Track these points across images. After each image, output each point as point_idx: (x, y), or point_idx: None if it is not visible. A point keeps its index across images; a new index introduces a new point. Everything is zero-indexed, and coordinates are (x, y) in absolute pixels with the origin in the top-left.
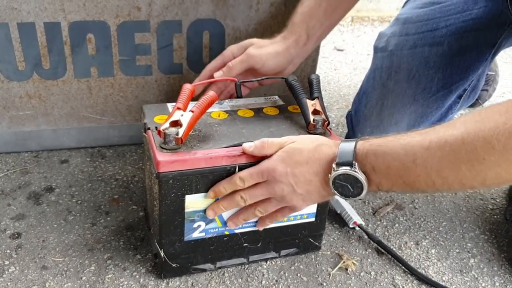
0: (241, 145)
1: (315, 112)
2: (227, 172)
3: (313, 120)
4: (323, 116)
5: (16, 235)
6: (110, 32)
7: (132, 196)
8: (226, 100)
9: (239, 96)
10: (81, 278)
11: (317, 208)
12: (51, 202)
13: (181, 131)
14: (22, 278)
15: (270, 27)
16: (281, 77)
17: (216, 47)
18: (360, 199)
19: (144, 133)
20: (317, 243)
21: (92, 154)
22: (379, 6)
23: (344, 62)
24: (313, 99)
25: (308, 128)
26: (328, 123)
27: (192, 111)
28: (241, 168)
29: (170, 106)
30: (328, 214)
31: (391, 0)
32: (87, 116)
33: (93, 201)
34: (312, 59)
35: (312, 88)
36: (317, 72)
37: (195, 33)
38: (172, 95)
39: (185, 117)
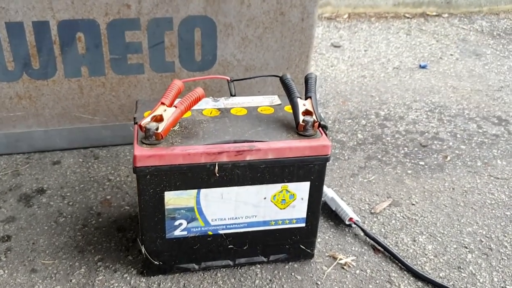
0: (224, 143)
1: (307, 112)
2: (207, 170)
3: (303, 120)
4: (314, 116)
5: (6, 238)
6: (100, 31)
7: (124, 196)
8: (223, 98)
9: (232, 94)
10: (71, 281)
11: (307, 213)
12: (42, 204)
13: (161, 126)
14: (10, 281)
15: (263, 23)
16: (276, 75)
17: (208, 44)
18: None
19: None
20: (309, 250)
21: (85, 154)
22: (376, 2)
23: (341, 59)
24: (306, 98)
25: (298, 129)
26: (319, 125)
27: (176, 107)
28: (221, 166)
29: None
30: (324, 212)
31: None
32: (79, 116)
33: (85, 203)
34: (305, 55)
35: (306, 87)
36: (313, 69)
37: (186, 30)
38: None
39: (168, 113)
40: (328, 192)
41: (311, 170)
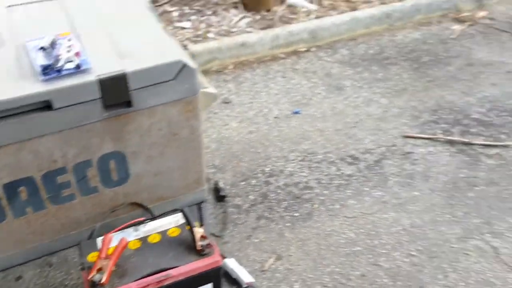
0: (148, 276)
1: (202, 237)
2: None
3: (200, 245)
4: (207, 240)
5: None
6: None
7: None
8: (141, 225)
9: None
10: None
11: None
12: None
13: (104, 276)
14: None
15: (162, 143)
16: (177, 209)
17: (122, 167)
18: None
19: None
20: None
21: (40, 265)
22: (254, 49)
23: (233, 116)
24: (201, 226)
25: (197, 251)
26: (211, 246)
27: (110, 259)
28: None
29: (99, 240)
30: (229, 280)
31: (264, 43)
32: (30, 239)
33: None
34: (198, 156)
35: (200, 216)
36: (211, 131)
37: (103, 164)
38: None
39: (105, 264)
40: (229, 262)
41: (211, 276)
